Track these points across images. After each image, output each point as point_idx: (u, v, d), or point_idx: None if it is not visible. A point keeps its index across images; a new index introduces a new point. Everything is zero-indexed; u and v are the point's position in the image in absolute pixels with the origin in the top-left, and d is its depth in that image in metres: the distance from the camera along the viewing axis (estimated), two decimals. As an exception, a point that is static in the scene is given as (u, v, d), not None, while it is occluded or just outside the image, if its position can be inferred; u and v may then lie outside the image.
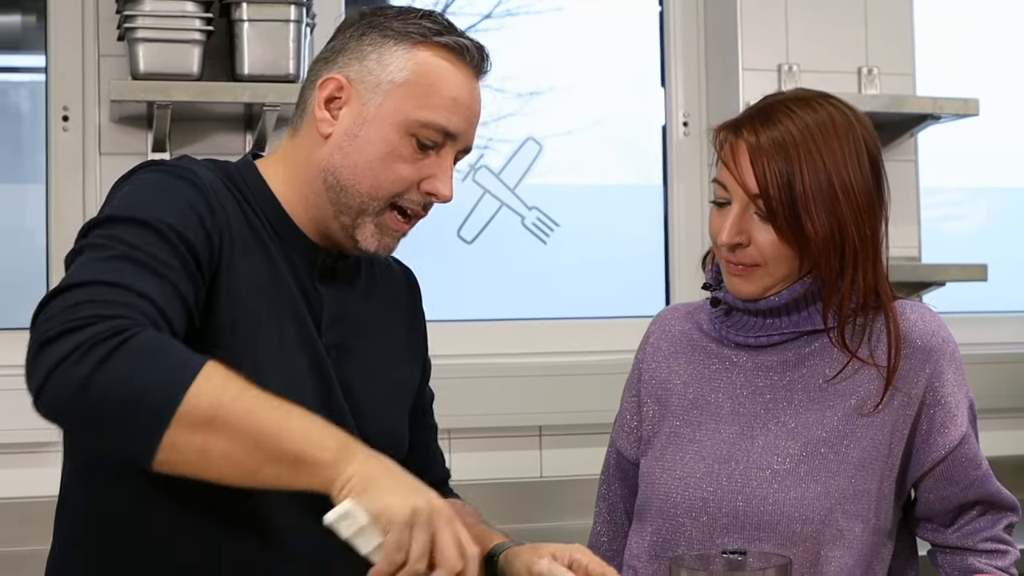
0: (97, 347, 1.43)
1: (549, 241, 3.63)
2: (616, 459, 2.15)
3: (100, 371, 1.42)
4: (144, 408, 1.43)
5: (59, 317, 1.47)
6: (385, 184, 1.76)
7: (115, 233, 1.59)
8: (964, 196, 4.08)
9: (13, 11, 3.34)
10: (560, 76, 3.71)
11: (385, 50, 1.78)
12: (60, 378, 1.42)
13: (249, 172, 1.83)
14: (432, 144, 1.77)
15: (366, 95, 1.77)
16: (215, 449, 1.44)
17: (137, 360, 1.44)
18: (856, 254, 1.91)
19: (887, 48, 3.58)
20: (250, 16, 3.04)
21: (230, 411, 1.45)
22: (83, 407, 1.43)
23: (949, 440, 1.94)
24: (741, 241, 1.92)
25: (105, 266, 1.55)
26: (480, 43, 1.82)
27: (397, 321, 1.97)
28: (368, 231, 1.79)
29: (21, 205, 3.33)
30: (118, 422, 1.43)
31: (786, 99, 1.97)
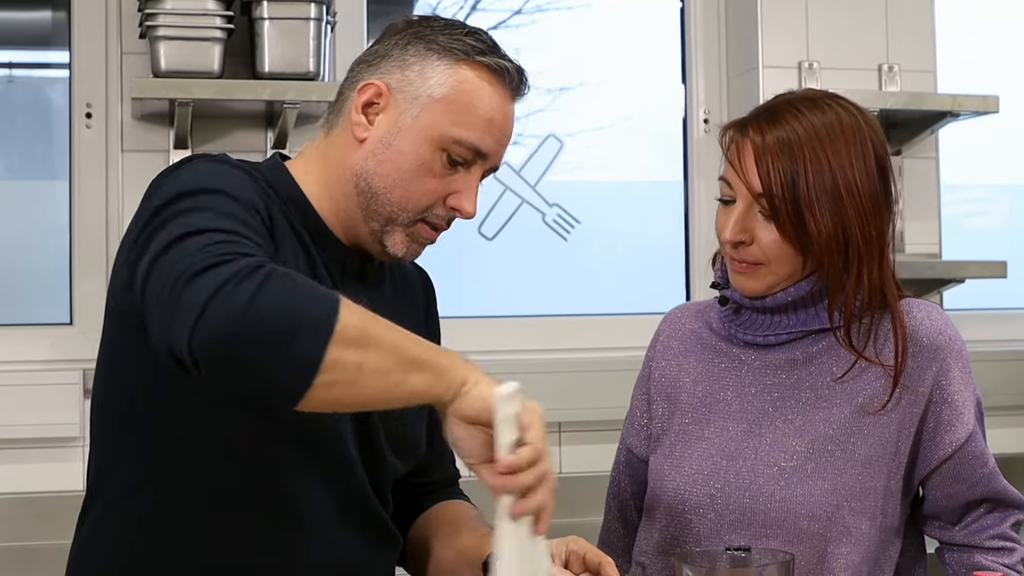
0: (251, 276, 1.44)
1: (569, 238, 3.64)
2: (626, 456, 2.16)
3: (260, 295, 1.43)
4: (307, 327, 1.44)
5: (194, 256, 1.48)
6: (414, 197, 1.78)
7: (206, 199, 1.61)
8: (987, 193, 4.07)
9: (43, 7, 3.36)
10: (586, 72, 3.72)
11: (428, 63, 1.78)
12: (221, 304, 1.43)
13: (280, 173, 1.84)
14: (462, 161, 1.78)
15: (404, 105, 1.78)
16: (369, 363, 1.46)
17: (289, 287, 1.46)
18: (860, 254, 1.92)
19: (908, 45, 3.57)
20: (271, 14, 3.06)
21: (375, 329, 1.49)
22: (248, 331, 1.43)
23: (956, 438, 1.95)
24: (744, 239, 1.93)
25: (215, 219, 1.56)
26: (520, 66, 1.83)
27: (414, 322, 1.98)
28: (398, 239, 1.81)
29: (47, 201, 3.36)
30: (282, 344, 1.43)
31: (794, 99, 1.98)
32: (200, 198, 1.61)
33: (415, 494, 2.03)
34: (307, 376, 1.44)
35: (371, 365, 1.47)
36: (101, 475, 1.80)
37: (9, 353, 3.17)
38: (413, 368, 1.50)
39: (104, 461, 1.80)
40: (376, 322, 1.50)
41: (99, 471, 1.80)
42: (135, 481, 1.74)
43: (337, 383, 1.46)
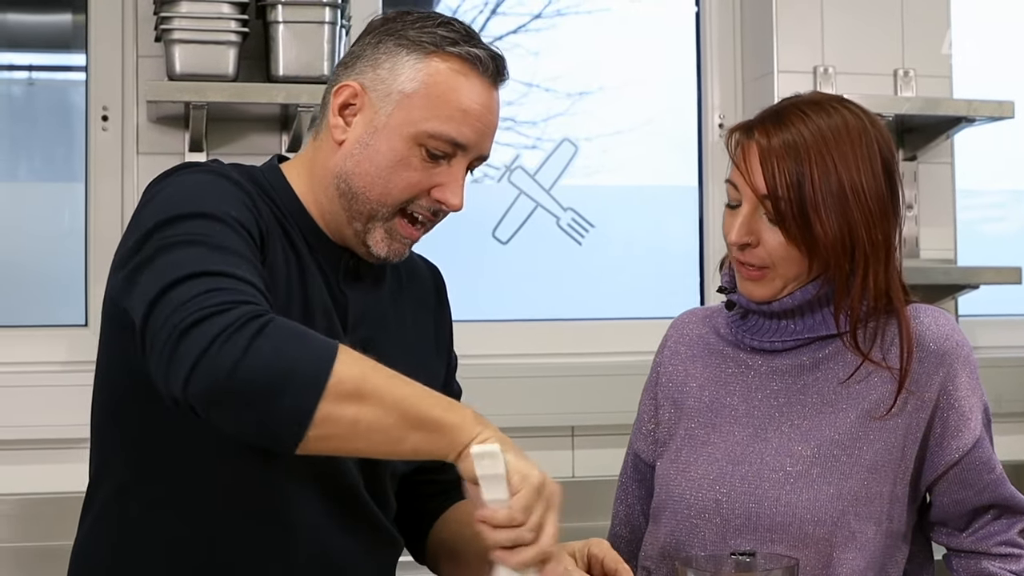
0: (244, 328, 1.45)
1: (584, 242, 3.64)
2: (633, 461, 2.16)
3: (251, 350, 1.44)
4: (298, 382, 1.45)
5: (188, 306, 1.48)
6: (394, 191, 1.78)
7: (190, 227, 1.61)
8: (1005, 199, 4.06)
9: (64, 10, 3.38)
10: (605, 77, 3.72)
11: (398, 59, 1.78)
12: (213, 359, 1.44)
13: (274, 175, 1.84)
14: (442, 155, 1.77)
15: (378, 103, 1.78)
16: (365, 419, 1.47)
17: (282, 339, 1.47)
18: (867, 257, 1.91)
19: (923, 50, 3.57)
20: (285, 18, 3.07)
21: (374, 383, 1.48)
22: (237, 387, 1.44)
23: (963, 444, 1.94)
24: (750, 241, 1.93)
25: (204, 259, 1.56)
26: (497, 52, 1.82)
27: (423, 318, 1.99)
28: (378, 236, 1.81)
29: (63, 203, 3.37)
30: (272, 398, 1.45)
31: (800, 102, 1.98)
32: (190, 224, 1.61)
33: (428, 494, 2.02)
34: (299, 430, 1.45)
35: (369, 420, 1.48)
36: (97, 473, 1.81)
37: (26, 354, 3.18)
38: (417, 426, 1.50)
39: (100, 459, 1.81)
40: (378, 374, 1.50)
41: (95, 469, 1.81)
42: (126, 479, 1.75)
43: (332, 437, 1.47)
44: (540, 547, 1.50)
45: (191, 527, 1.72)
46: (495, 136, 1.85)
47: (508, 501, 1.49)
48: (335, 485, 1.78)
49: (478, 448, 1.49)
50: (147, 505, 1.74)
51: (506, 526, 1.49)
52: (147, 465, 1.74)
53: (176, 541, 1.73)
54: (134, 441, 1.74)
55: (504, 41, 3.68)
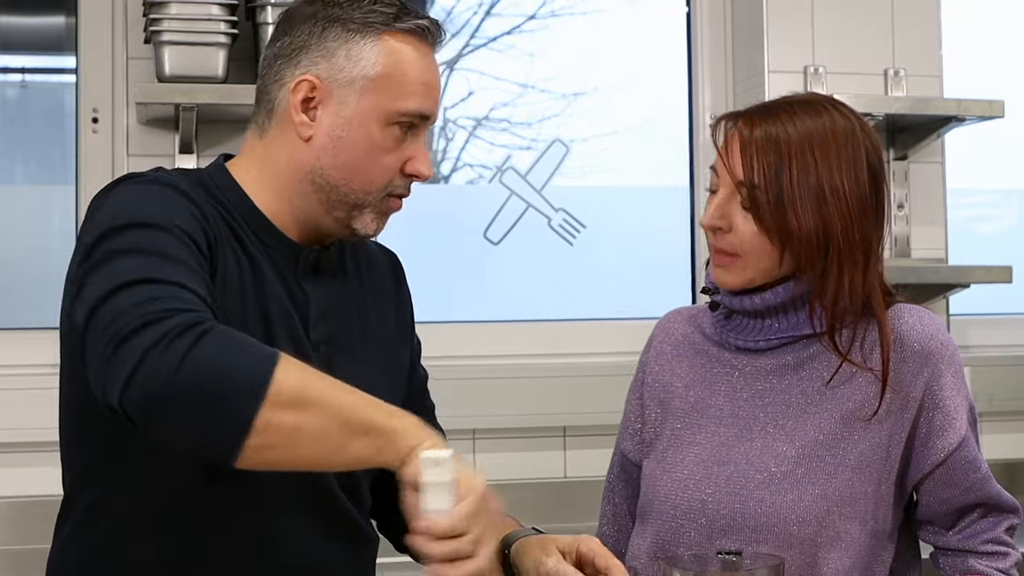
0: (181, 337, 1.44)
1: (575, 243, 3.64)
2: (620, 461, 2.16)
3: (189, 358, 1.43)
4: (237, 390, 1.43)
5: (128, 314, 1.47)
6: (376, 179, 1.78)
7: (133, 237, 1.59)
8: (996, 198, 4.07)
9: (57, 12, 3.37)
10: (599, 77, 3.72)
11: (352, 45, 1.76)
12: (150, 367, 1.43)
13: (221, 177, 1.82)
14: (409, 127, 1.78)
15: (341, 93, 1.76)
16: (307, 426, 1.45)
17: (221, 347, 1.45)
18: (841, 257, 1.91)
19: (914, 50, 3.57)
20: (275, 19, 3.02)
21: (316, 390, 1.47)
22: (175, 395, 1.43)
23: (948, 443, 1.94)
24: (721, 226, 1.94)
25: (145, 267, 1.54)
26: (433, 18, 1.82)
27: (384, 307, 1.98)
28: (368, 218, 1.81)
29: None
30: (211, 406, 1.43)
31: (792, 100, 1.99)
32: (131, 235, 1.59)
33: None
34: (238, 439, 1.44)
35: (310, 428, 1.45)
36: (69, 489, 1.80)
37: (18, 357, 3.17)
38: (359, 433, 1.48)
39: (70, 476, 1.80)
40: (320, 381, 1.49)
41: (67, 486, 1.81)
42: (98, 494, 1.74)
43: (272, 446, 1.45)
44: (478, 563, 1.47)
45: (164, 537, 1.71)
46: None
47: (450, 511, 1.45)
48: (308, 486, 1.76)
49: (429, 453, 1.46)
50: (120, 518, 1.72)
51: (447, 537, 1.45)
52: (117, 478, 1.72)
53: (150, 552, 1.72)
54: (103, 455, 1.73)
55: (499, 42, 3.68)
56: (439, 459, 1.45)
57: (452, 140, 3.70)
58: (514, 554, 1.83)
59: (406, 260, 2.09)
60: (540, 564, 1.78)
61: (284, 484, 1.72)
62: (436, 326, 3.26)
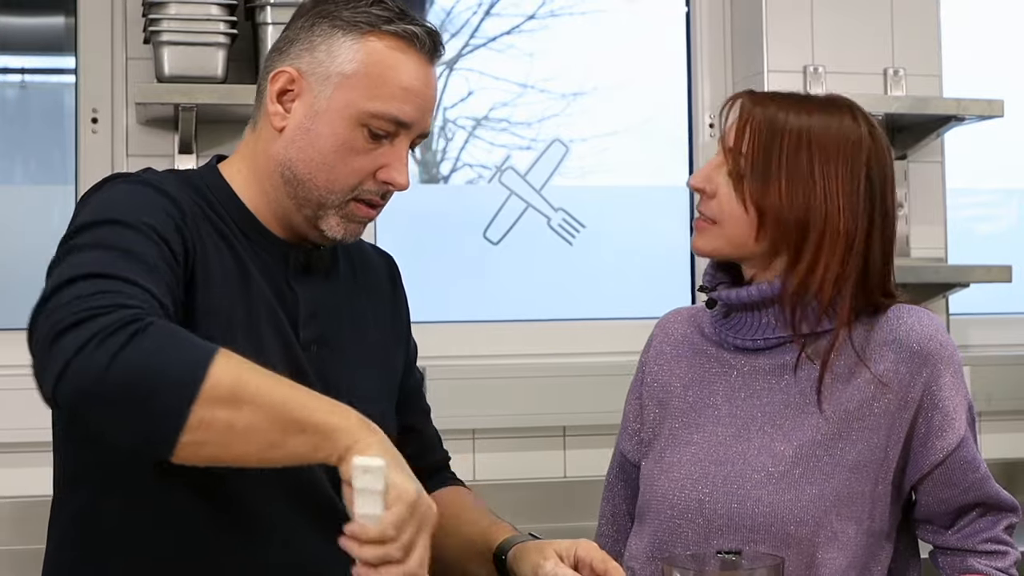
0: (116, 333, 1.43)
1: (575, 242, 3.64)
2: (619, 461, 2.17)
3: (121, 355, 1.42)
4: (169, 387, 1.43)
5: (68, 307, 1.47)
6: (341, 177, 1.77)
7: (101, 233, 1.60)
8: (995, 197, 4.07)
9: (56, 13, 3.37)
10: (599, 77, 3.73)
11: (334, 41, 1.76)
12: (81, 365, 1.42)
13: (212, 176, 1.82)
14: (385, 134, 1.76)
15: (317, 87, 1.76)
16: (241, 423, 1.44)
17: (156, 344, 1.44)
18: (820, 242, 1.92)
19: (913, 49, 3.57)
20: (274, 19, 3.06)
21: (252, 386, 1.46)
22: (106, 391, 1.42)
23: (947, 444, 1.94)
24: (705, 188, 1.97)
25: (100, 261, 1.55)
26: (432, 28, 1.81)
27: (379, 309, 1.97)
28: (333, 221, 1.79)
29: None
30: (143, 402, 1.43)
31: (812, 96, 2.01)
32: (99, 231, 1.60)
33: None
34: (170, 436, 1.43)
35: (244, 424, 1.45)
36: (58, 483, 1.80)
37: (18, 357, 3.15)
38: (295, 430, 1.47)
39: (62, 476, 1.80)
40: (257, 377, 1.48)
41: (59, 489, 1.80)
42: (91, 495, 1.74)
43: (207, 442, 1.45)
44: (407, 568, 1.46)
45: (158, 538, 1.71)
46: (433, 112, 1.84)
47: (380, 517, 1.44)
48: (304, 488, 1.76)
49: (361, 461, 1.44)
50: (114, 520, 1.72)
51: (376, 542, 1.44)
52: (108, 478, 1.72)
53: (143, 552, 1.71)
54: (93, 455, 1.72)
55: (498, 42, 3.68)
56: (369, 467, 1.44)
57: (452, 140, 3.70)
58: (511, 560, 1.83)
59: (405, 260, 2.09)
60: (538, 567, 1.77)
61: (278, 484, 1.71)
62: (435, 326, 3.26)
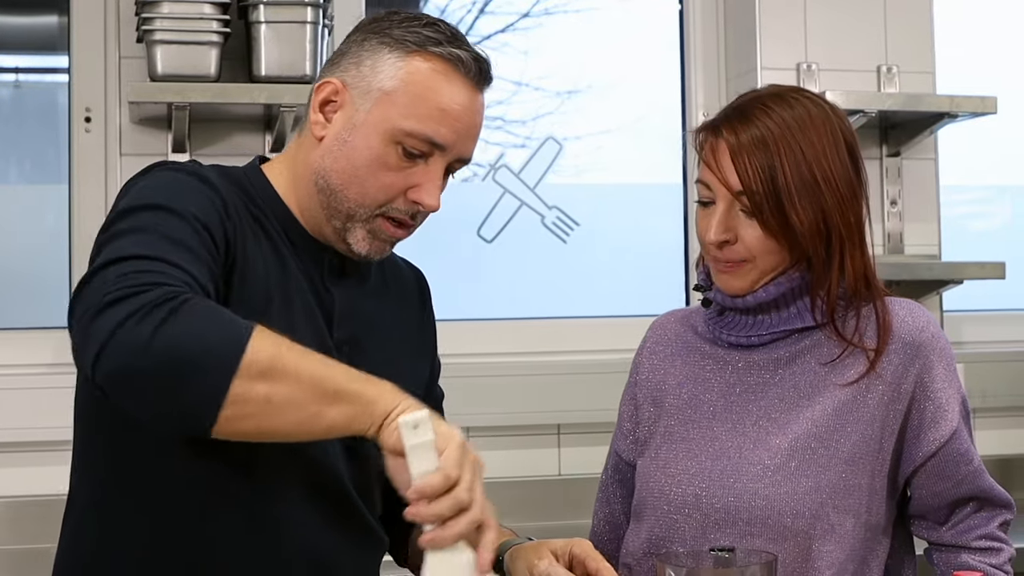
0: (158, 309, 1.45)
1: (569, 240, 3.64)
2: (615, 462, 2.17)
3: (163, 330, 1.44)
4: (210, 361, 1.45)
5: (110, 285, 1.49)
6: (371, 191, 1.77)
7: (145, 217, 1.62)
8: (989, 194, 4.07)
9: (50, 12, 3.37)
10: (593, 75, 3.73)
11: (380, 57, 1.78)
12: (123, 338, 1.44)
13: (255, 175, 1.85)
14: (419, 153, 1.77)
15: (358, 101, 1.78)
16: (280, 395, 1.47)
17: (197, 320, 1.47)
18: (842, 241, 1.94)
19: (907, 46, 3.57)
20: (267, 18, 3.06)
21: (289, 359, 1.49)
22: (148, 365, 1.44)
23: (940, 435, 1.95)
24: (728, 239, 1.94)
25: (142, 244, 1.57)
26: (482, 55, 1.81)
27: (407, 319, 1.99)
28: (359, 235, 1.80)
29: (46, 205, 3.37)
30: (184, 377, 1.45)
31: (761, 96, 1.99)
32: (142, 216, 1.62)
33: None
34: (210, 411, 1.46)
35: (282, 397, 1.48)
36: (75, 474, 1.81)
37: (11, 357, 3.17)
38: (333, 400, 1.50)
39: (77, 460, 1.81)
40: (293, 351, 1.51)
41: (76, 478, 1.81)
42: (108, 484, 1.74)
43: (246, 416, 1.47)
44: (474, 514, 1.49)
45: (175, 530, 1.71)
46: (478, 138, 1.84)
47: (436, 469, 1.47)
48: (323, 484, 1.77)
49: (407, 417, 1.48)
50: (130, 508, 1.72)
51: (443, 491, 1.47)
52: (130, 469, 1.72)
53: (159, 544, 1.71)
54: (114, 446, 1.73)
55: (493, 40, 3.69)
56: (417, 421, 1.47)
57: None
58: (507, 561, 1.85)
59: (400, 258, 2.09)
60: (532, 567, 1.79)
61: (295, 478, 1.73)
62: (430, 324, 3.26)
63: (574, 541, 1.82)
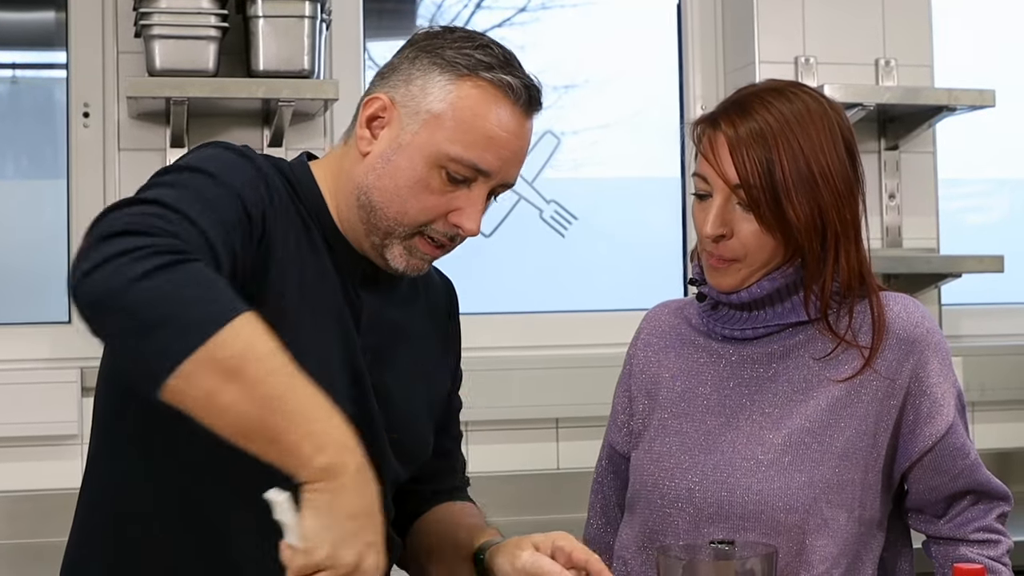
0: (158, 256, 1.43)
1: (567, 234, 3.64)
2: (609, 453, 2.17)
3: (152, 276, 1.41)
4: (177, 327, 1.41)
5: (125, 219, 1.47)
6: (412, 212, 1.75)
7: (184, 177, 1.61)
8: (990, 187, 4.07)
9: (47, 8, 3.37)
10: (590, 70, 3.73)
11: (430, 78, 1.75)
12: (111, 270, 1.41)
13: (302, 171, 1.82)
14: (463, 178, 1.74)
15: (405, 120, 1.75)
16: (221, 398, 1.41)
17: (189, 283, 1.43)
18: (838, 237, 1.93)
19: (905, 40, 3.57)
20: (265, 12, 3.07)
21: (250, 367, 1.42)
22: (123, 303, 1.41)
23: (936, 430, 1.94)
24: (724, 233, 1.94)
25: (176, 197, 1.54)
26: (532, 82, 1.79)
27: (434, 329, 1.98)
28: (397, 252, 1.78)
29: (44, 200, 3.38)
30: (150, 329, 1.41)
31: (760, 90, 1.99)
32: (183, 175, 1.61)
33: (417, 500, 2.01)
34: (160, 375, 1.41)
35: (226, 402, 1.42)
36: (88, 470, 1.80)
37: (9, 352, 3.18)
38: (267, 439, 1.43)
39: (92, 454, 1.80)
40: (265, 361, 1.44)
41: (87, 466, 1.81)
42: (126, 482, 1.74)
43: (188, 398, 1.43)
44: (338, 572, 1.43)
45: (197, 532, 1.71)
46: (523, 163, 1.82)
47: None
48: None
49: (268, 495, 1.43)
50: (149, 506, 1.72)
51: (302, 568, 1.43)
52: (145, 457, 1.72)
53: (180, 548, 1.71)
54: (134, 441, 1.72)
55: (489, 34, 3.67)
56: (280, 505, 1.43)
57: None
58: (488, 557, 1.83)
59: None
60: (515, 558, 1.77)
61: None
62: (428, 319, 3.26)
63: (557, 534, 1.79)
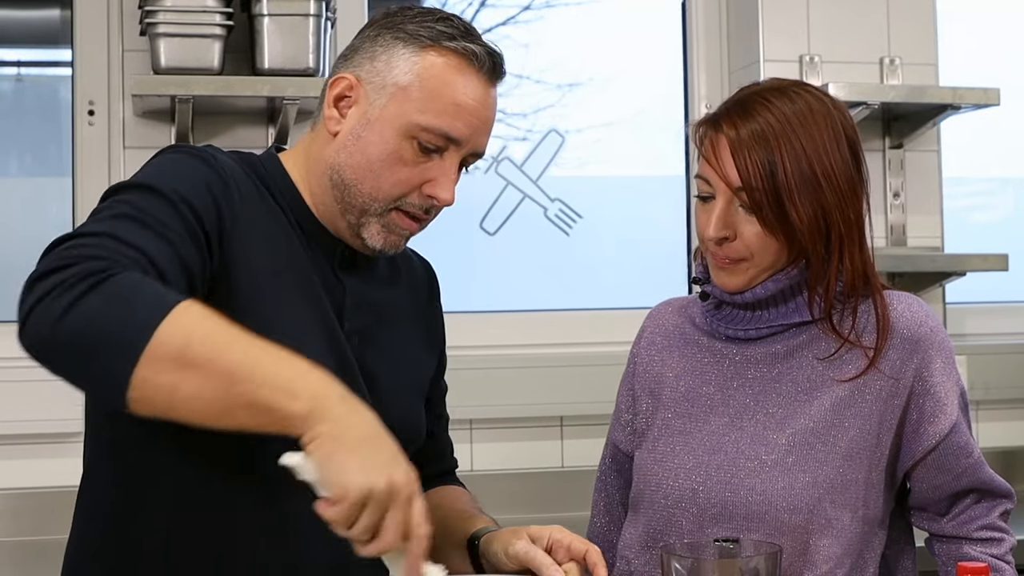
0: (77, 284, 1.43)
1: (572, 232, 3.64)
2: (612, 452, 2.17)
3: (76, 307, 1.42)
4: (114, 344, 1.41)
5: (50, 259, 1.48)
6: (385, 186, 1.77)
7: (124, 198, 1.62)
8: (994, 186, 4.07)
9: (52, 6, 3.37)
10: (594, 68, 3.73)
11: (394, 52, 1.78)
12: (39, 313, 1.43)
13: (271, 163, 1.85)
14: (435, 148, 1.77)
15: (372, 96, 1.78)
16: (185, 388, 1.42)
17: (113, 298, 1.43)
18: (841, 238, 1.92)
19: (909, 38, 3.57)
20: (270, 11, 3.06)
21: (201, 349, 1.42)
22: (58, 341, 1.43)
23: (939, 429, 1.95)
24: (727, 235, 1.93)
25: (105, 223, 1.56)
26: (494, 49, 1.82)
27: (417, 310, 1.99)
28: (374, 229, 1.80)
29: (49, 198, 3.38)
30: (88, 359, 1.42)
31: (762, 90, 1.98)
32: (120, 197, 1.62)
33: None
34: (117, 393, 1.43)
35: (190, 390, 1.42)
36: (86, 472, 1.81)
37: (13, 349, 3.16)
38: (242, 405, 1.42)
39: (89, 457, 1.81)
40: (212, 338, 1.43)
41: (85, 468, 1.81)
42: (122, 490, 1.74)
43: (154, 402, 1.44)
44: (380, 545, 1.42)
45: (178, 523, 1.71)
46: (491, 132, 1.84)
47: None
48: None
49: (283, 460, 1.42)
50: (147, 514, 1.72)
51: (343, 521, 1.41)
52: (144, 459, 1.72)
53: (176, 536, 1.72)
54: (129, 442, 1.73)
55: (494, 33, 3.68)
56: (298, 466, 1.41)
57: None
58: (483, 544, 1.84)
59: (401, 250, 2.09)
60: (509, 546, 1.78)
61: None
62: (432, 317, 3.26)
63: (552, 528, 1.80)
